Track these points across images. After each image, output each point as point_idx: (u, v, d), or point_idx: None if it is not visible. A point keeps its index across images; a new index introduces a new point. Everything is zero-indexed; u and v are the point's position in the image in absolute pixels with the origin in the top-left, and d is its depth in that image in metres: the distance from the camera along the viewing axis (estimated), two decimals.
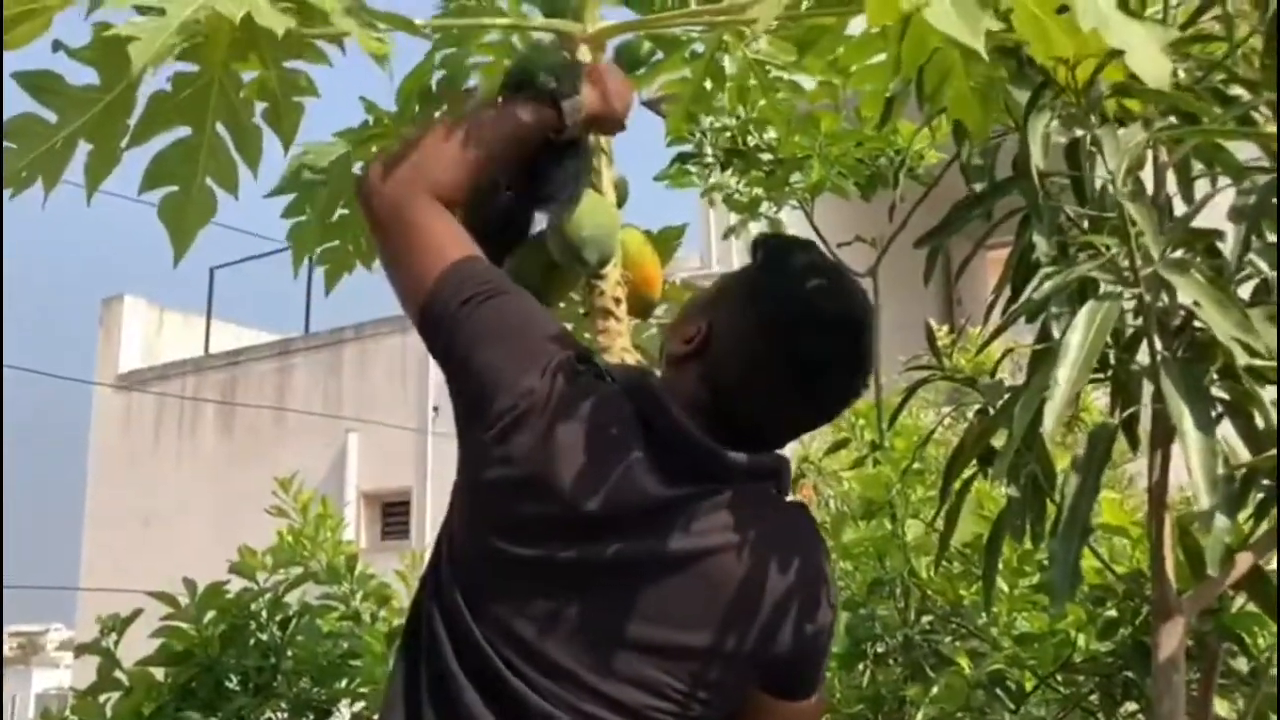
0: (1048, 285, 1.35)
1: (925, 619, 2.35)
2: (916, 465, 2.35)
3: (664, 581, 1.24)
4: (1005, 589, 2.38)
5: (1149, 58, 1.22)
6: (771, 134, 2.53)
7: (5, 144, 1.45)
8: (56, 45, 1.43)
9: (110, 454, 12.75)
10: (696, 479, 1.28)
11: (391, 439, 10.92)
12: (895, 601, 2.35)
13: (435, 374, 11.04)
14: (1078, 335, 1.29)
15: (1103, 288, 1.39)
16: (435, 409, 10.65)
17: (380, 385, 11.38)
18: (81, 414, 13.04)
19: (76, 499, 12.85)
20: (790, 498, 1.46)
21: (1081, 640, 2.21)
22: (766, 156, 2.54)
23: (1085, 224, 1.49)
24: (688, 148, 2.57)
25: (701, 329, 1.40)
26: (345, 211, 2.33)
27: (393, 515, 11.31)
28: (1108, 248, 1.41)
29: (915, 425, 2.74)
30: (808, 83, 2.44)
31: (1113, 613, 2.16)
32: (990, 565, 1.85)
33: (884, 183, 2.74)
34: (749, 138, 2.53)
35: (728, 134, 2.51)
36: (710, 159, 2.52)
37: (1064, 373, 1.26)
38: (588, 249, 1.82)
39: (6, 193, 1.48)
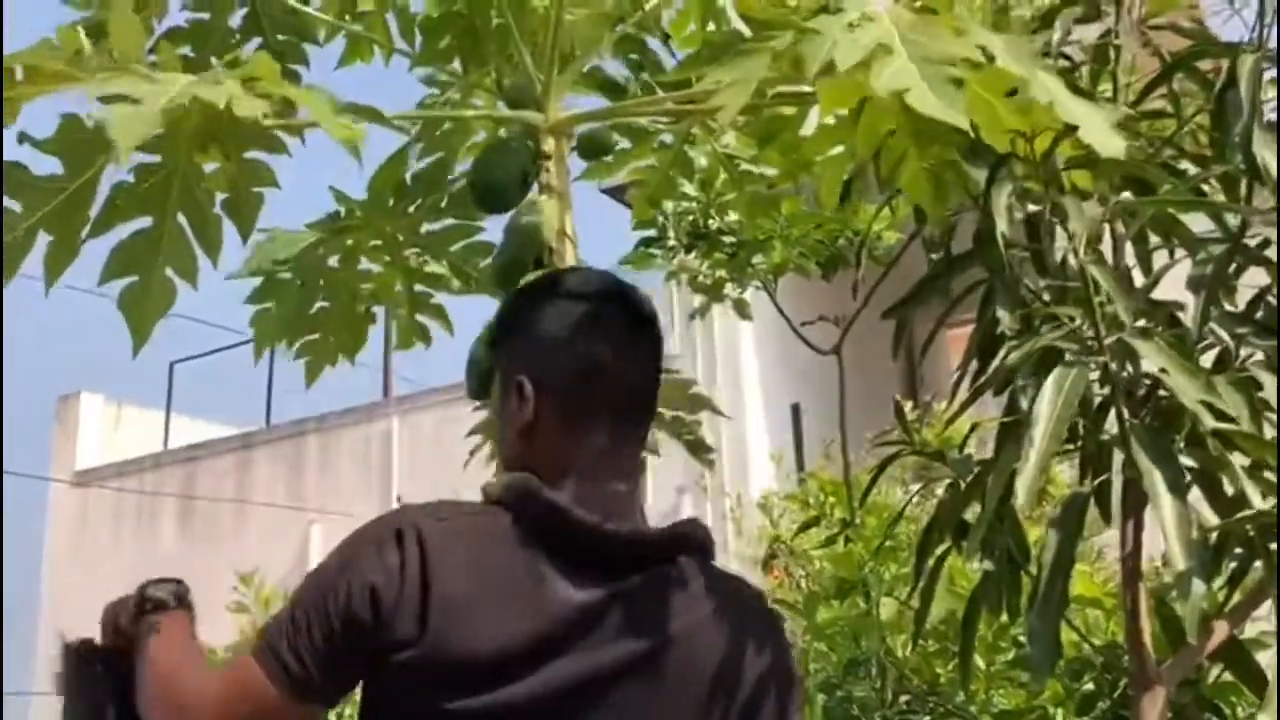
0: (1014, 356, 1.36)
1: (903, 699, 2.32)
2: (889, 543, 2.34)
3: (627, 689, 1.14)
4: (982, 665, 2.36)
5: (1102, 133, 1.25)
6: (733, 216, 2.56)
7: None
8: (22, 137, 1.42)
9: (66, 554, 12.45)
10: (616, 571, 1.16)
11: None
12: (872, 682, 2.31)
13: (399, 463, 10.93)
14: (1046, 405, 1.30)
15: (1067, 357, 1.40)
16: (399, 499, 10.52)
17: (344, 477, 11.24)
18: (36, 513, 12.77)
19: (31, 601, 12.49)
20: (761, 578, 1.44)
21: (1060, 716, 2.18)
22: (729, 239, 2.57)
23: (1047, 296, 1.51)
24: (652, 232, 2.60)
25: (525, 388, 1.27)
26: (326, 305, 2.32)
27: None
28: (1071, 318, 1.42)
29: (885, 503, 2.73)
30: (774, 174, 2.48)
31: (1091, 686, 2.15)
32: (966, 642, 1.83)
33: (845, 263, 2.77)
34: (711, 221, 2.56)
35: (690, 217, 2.54)
36: (674, 242, 2.54)
37: (1035, 443, 1.27)
38: None
39: None
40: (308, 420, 11.82)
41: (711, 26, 2.25)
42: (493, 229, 2.29)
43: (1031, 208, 1.43)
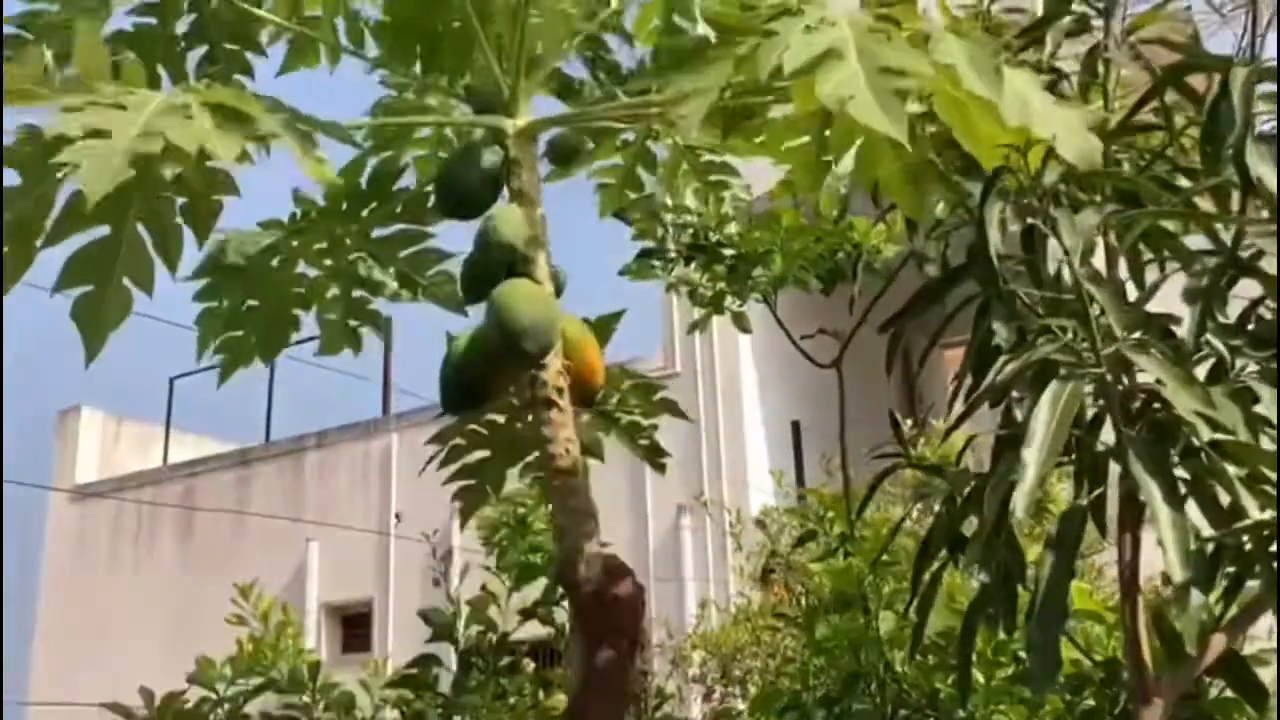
0: (1009, 369, 1.36)
1: (902, 713, 2.31)
2: (886, 557, 2.34)
3: None
4: (981, 681, 2.35)
5: (1078, 140, 1.25)
6: (733, 229, 2.57)
7: None
8: None
9: (64, 568, 12.42)
10: None
11: (352, 549, 10.73)
12: (872, 696, 2.31)
13: (398, 480, 10.90)
14: (1043, 418, 1.30)
15: (1063, 370, 1.40)
16: (397, 516, 10.50)
17: (342, 493, 11.23)
18: (35, 526, 12.75)
19: (26, 615, 12.45)
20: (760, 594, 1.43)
21: None
22: (729, 251, 2.57)
23: (1041, 310, 1.51)
24: (651, 244, 2.60)
25: None
26: (255, 303, 2.29)
27: (354, 628, 11.05)
28: (1066, 331, 1.43)
29: (884, 518, 2.73)
30: (738, 164, 2.47)
31: (1091, 702, 2.14)
32: (964, 655, 1.83)
33: (844, 277, 2.78)
34: (710, 234, 2.56)
35: (689, 230, 2.54)
36: (673, 254, 2.55)
37: (1032, 455, 1.26)
38: (527, 339, 1.81)
39: None
40: (307, 436, 11.81)
41: (677, 19, 2.22)
42: (444, 238, 2.28)
43: (1029, 221, 1.43)
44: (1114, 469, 1.58)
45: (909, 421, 2.75)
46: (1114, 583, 3.20)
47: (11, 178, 1.53)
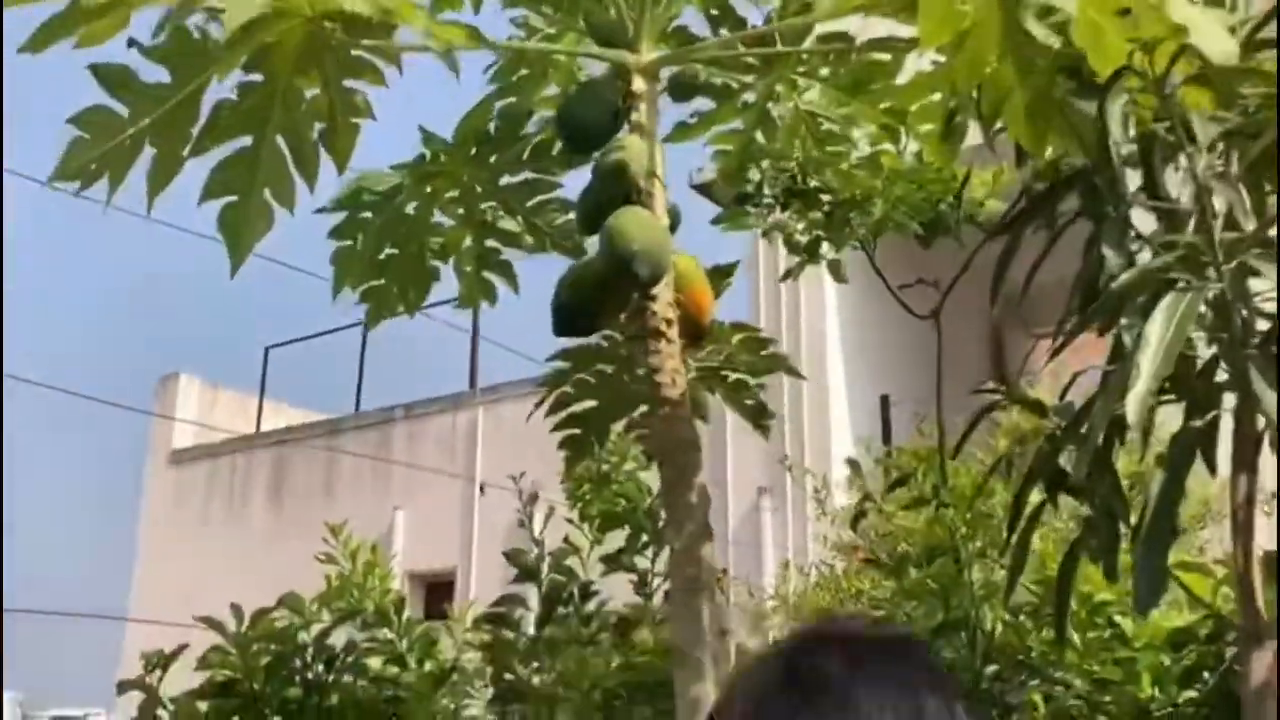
0: (1125, 277, 1.30)
1: (991, 668, 2.25)
2: (981, 506, 2.28)
3: None
4: (1077, 641, 2.28)
5: (1214, 37, 1.20)
6: (830, 175, 2.52)
7: (78, 134, 1.47)
8: (131, 42, 1.45)
9: (159, 530, 12.82)
10: None
11: (438, 517, 10.87)
12: (961, 647, 2.25)
13: (483, 453, 11.03)
14: (1158, 326, 1.25)
15: (1180, 284, 1.34)
16: (481, 488, 10.62)
17: (429, 464, 11.38)
18: (132, 490, 13.16)
19: (124, 575, 12.88)
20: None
21: (1157, 692, 2.10)
22: (826, 197, 2.52)
23: (1159, 223, 1.45)
24: (747, 188, 2.57)
25: None
26: (394, 251, 2.33)
27: (437, 595, 11.21)
28: (1180, 246, 1.36)
29: (976, 473, 2.66)
30: (859, 134, 2.43)
31: (1187, 662, 2.06)
32: (1062, 596, 1.77)
33: (945, 228, 2.71)
34: (809, 179, 2.52)
35: (786, 174, 2.50)
36: (769, 199, 2.51)
37: (1146, 359, 1.21)
38: (639, 262, 1.81)
39: (74, 185, 1.49)
40: (395, 408, 11.99)
41: None
42: (570, 188, 2.29)
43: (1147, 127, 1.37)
44: (1228, 399, 1.51)
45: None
46: (1213, 563, 3.09)
47: (161, 75, 1.57)
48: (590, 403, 2.44)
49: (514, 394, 10.85)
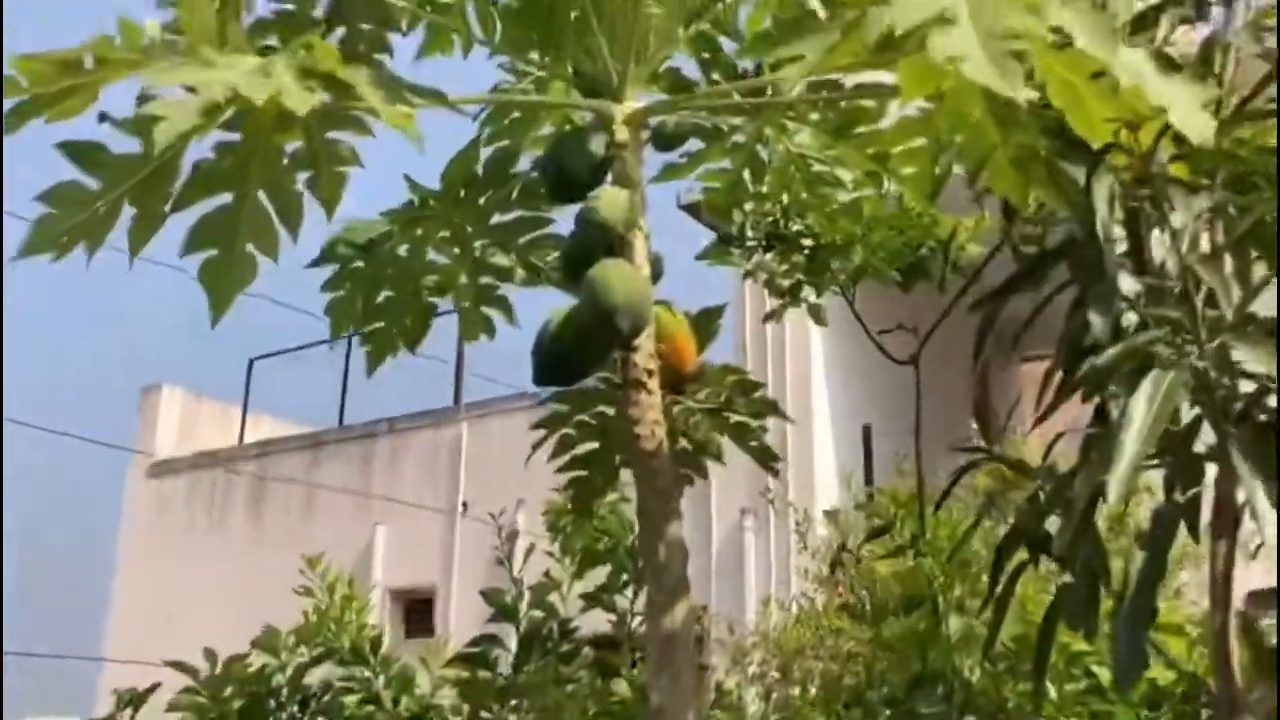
0: (1110, 353, 1.30)
1: (969, 718, 2.25)
2: (960, 558, 2.28)
3: None
4: (1054, 693, 2.27)
5: (1193, 114, 1.20)
6: (813, 219, 2.52)
7: (47, 210, 1.46)
8: (103, 117, 1.45)
9: (140, 541, 12.73)
10: None
11: (419, 534, 10.83)
12: (940, 700, 2.24)
13: (465, 469, 10.99)
14: (1142, 402, 1.24)
15: (1164, 360, 1.34)
16: (464, 504, 10.58)
17: (410, 480, 11.33)
18: (113, 500, 13.07)
19: (104, 585, 12.78)
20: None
21: None
22: (808, 241, 2.52)
23: (1143, 300, 1.45)
24: (729, 230, 2.56)
25: None
26: (391, 294, 2.33)
27: (417, 613, 11.15)
28: (1169, 320, 1.36)
29: (956, 520, 2.66)
30: (847, 176, 2.44)
31: (1169, 718, 2.06)
32: (1041, 658, 1.76)
33: (925, 274, 2.71)
34: (791, 223, 2.52)
35: (770, 218, 2.50)
36: (752, 241, 2.51)
37: (1129, 438, 1.21)
38: (620, 317, 1.81)
39: (47, 257, 1.48)
40: (379, 422, 11.95)
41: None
42: (562, 223, 2.29)
43: (1132, 203, 1.37)
44: (1210, 471, 1.51)
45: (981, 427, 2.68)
46: (1193, 605, 3.10)
47: (133, 145, 1.56)
48: (593, 444, 2.44)
49: (499, 410, 10.84)
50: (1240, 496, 1.46)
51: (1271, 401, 1.38)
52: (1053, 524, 1.70)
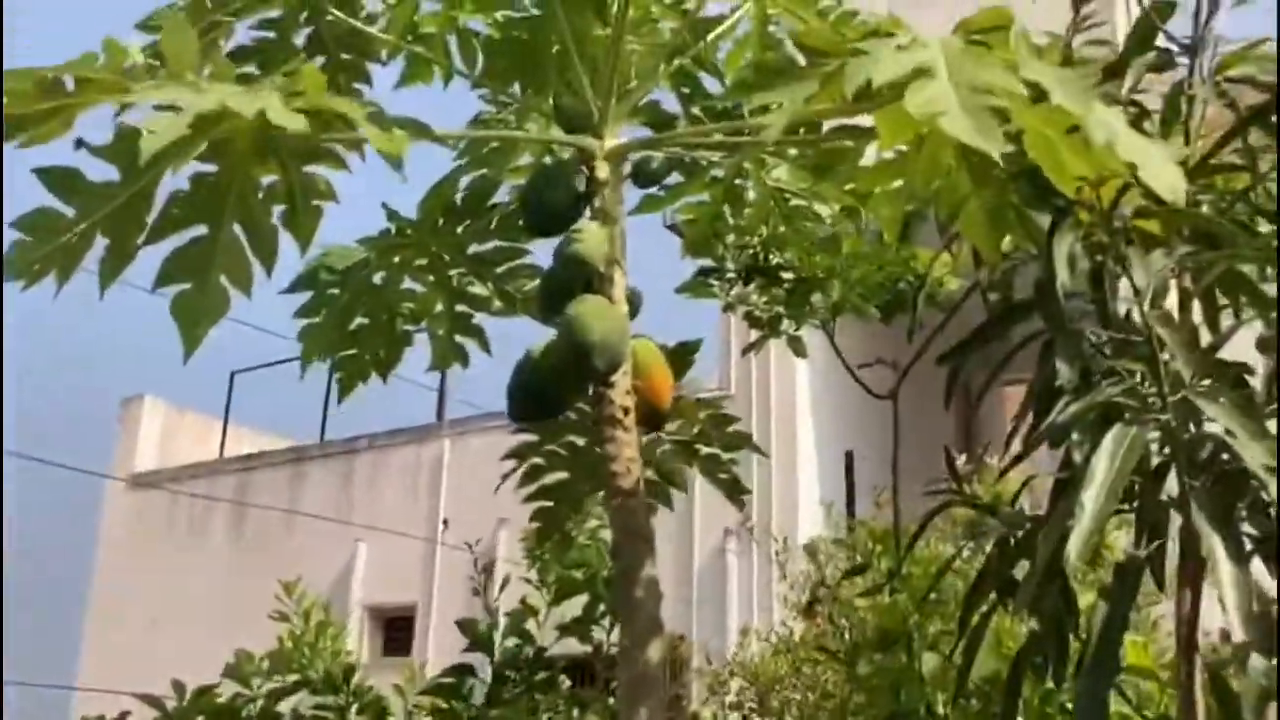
0: (1071, 410, 1.31)
1: None
2: (934, 596, 2.28)
3: None
4: None
5: (1163, 173, 1.21)
6: (792, 253, 2.54)
7: (19, 237, 1.45)
8: (79, 143, 1.44)
9: (118, 554, 12.64)
10: None
11: (400, 552, 10.78)
12: None
13: (447, 486, 10.95)
14: (1103, 462, 1.25)
15: (1127, 415, 1.35)
16: (445, 522, 10.54)
17: (392, 497, 11.30)
18: (91, 512, 12.97)
19: (79, 598, 12.67)
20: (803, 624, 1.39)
21: None
22: (788, 275, 2.54)
23: (1108, 350, 1.46)
24: (709, 262, 2.58)
25: None
26: (365, 321, 2.33)
27: (395, 631, 11.10)
28: (1133, 373, 1.37)
29: (933, 555, 2.67)
30: (826, 211, 2.46)
31: None
32: (1010, 703, 1.77)
33: (904, 307, 2.73)
34: (771, 256, 2.53)
35: (749, 251, 2.51)
36: (732, 273, 2.52)
37: (1090, 499, 1.21)
38: (596, 355, 1.81)
39: (17, 285, 1.48)
40: (361, 438, 11.91)
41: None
42: (539, 254, 2.30)
43: (1097, 258, 1.38)
44: (1175, 520, 1.52)
45: (964, 457, 2.70)
46: (1170, 636, 3.10)
47: (110, 173, 1.55)
48: (562, 474, 2.44)
49: (481, 428, 10.81)
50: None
51: (1237, 448, 1.38)
52: (1023, 568, 1.71)
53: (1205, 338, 1.62)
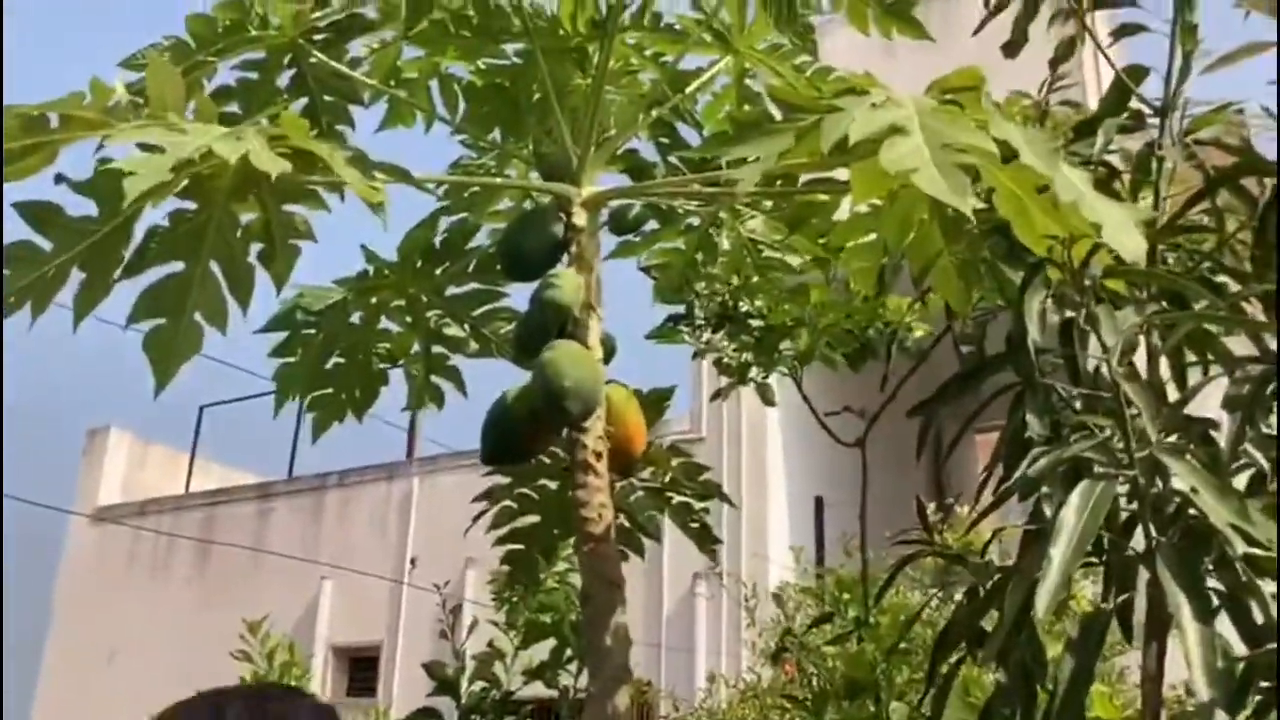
0: (1041, 463, 1.32)
1: None
2: (903, 645, 2.28)
3: None
4: None
5: (1126, 234, 1.23)
6: (761, 301, 2.56)
7: (4, 270, 1.45)
8: (59, 178, 1.44)
9: (79, 588, 12.43)
10: None
11: (366, 591, 10.68)
12: None
13: (415, 524, 10.87)
14: (1071, 516, 1.27)
15: (1096, 469, 1.37)
16: (413, 561, 10.46)
17: (359, 534, 11.20)
18: (53, 546, 12.77)
19: (38, 633, 12.45)
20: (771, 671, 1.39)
21: None
22: (757, 323, 2.55)
23: (1078, 404, 1.48)
24: (679, 309, 2.59)
25: None
26: (341, 360, 2.32)
27: (361, 671, 10.96)
28: (1102, 429, 1.39)
29: (902, 604, 2.67)
30: (795, 260, 2.48)
31: None
32: None
33: (873, 355, 2.75)
34: (740, 304, 2.55)
35: (719, 299, 2.53)
36: (701, 321, 2.53)
37: (1058, 553, 1.22)
38: (570, 400, 1.81)
39: None
40: (329, 475, 11.82)
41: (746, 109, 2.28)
42: (515, 296, 2.31)
43: (1069, 312, 1.41)
44: (1143, 574, 1.53)
45: (933, 506, 2.71)
46: (1137, 687, 3.10)
47: (89, 208, 1.55)
48: (534, 518, 2.43)
49: (451, 466, 10.76)
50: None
51: (1201, 505, 1.40)
52: (992, 619, 1.72)
53: (1173, 393, 1.65)
